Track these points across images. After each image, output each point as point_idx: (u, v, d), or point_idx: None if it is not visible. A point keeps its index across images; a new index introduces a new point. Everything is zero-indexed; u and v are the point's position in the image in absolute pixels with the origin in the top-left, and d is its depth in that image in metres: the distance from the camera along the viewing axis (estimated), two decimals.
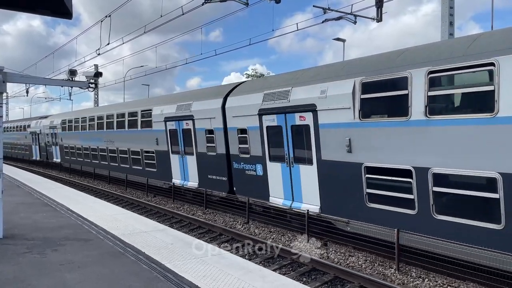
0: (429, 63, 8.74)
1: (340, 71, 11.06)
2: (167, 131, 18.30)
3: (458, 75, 8.56)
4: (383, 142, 9.66)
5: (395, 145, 9.45)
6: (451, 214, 8.47)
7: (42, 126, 35.37)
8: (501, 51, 7.67)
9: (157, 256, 7.51)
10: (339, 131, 10.62)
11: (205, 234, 13.10)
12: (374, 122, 9.96)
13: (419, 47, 9.89)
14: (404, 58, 9.55)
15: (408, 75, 9.03)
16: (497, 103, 7.64)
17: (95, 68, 36.16)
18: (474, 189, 8.17)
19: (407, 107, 9.05)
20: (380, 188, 9.91)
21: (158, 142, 19.13)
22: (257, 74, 50.76)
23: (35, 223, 10.18)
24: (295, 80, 12.43)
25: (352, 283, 8.52)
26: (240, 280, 6.31)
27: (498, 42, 7.98)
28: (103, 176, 26.32)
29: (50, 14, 4.11)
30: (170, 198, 18.88)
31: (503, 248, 7.57)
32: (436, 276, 8.80)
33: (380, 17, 15.51)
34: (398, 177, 9.42)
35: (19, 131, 42.43)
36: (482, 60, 7.91)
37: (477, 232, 8.04)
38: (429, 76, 8.66)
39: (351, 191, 10.47)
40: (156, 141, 19.21)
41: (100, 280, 6.21)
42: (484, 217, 8.00)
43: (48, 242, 8.34)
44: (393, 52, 10.38)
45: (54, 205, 13.08)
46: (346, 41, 44.99)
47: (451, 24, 14.23)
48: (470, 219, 8.17)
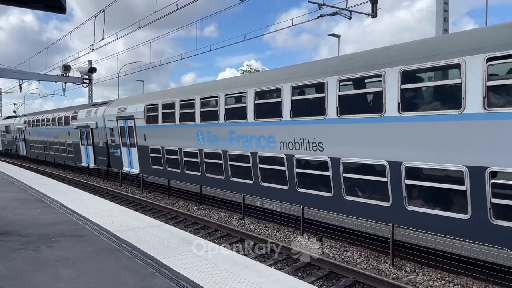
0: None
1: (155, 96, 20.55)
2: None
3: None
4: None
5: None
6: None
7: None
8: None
9: (153, 252, 7.51)
10: (141, 130, 19.84)
11: (200, 230, 13.11)
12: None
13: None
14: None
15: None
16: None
17: (89, 64, 35.98)
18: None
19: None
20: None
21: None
22: (252, 70, 50.70)
23: (29, 220, 10.14)
24: (131, 101, 21.94)
25: (347, 278, 8.58)
26: (235, 275, 6.33)
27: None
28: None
29: (43, 8, 4.08)
30: (165, 194, 18.87)
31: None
32: (430, 270, 8.88)
33: (375, 13, 15.52)
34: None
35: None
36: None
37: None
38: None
39: (158, 161, 19.07)
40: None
41: (95, 276, 6.20)
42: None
43: (43, 239, 8.31)
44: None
45: (49, 201, 13.02)
46: (341, 37, 44.97)
47: (445, 20, 14.25)
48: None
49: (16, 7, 6.79)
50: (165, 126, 18.17)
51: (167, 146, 18.16)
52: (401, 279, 8.58)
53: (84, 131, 27.05)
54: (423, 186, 9.07)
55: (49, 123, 33.78)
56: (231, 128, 14.20)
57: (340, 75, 10.57)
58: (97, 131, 25.34)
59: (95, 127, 25.35)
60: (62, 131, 31.30)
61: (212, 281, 6.06)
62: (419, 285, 8.26)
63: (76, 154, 29.27)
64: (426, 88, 9.55)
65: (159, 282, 6.01)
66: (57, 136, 32.48)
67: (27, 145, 40.42)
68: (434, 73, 9.26)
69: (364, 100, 10.67)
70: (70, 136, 29.95)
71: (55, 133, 32.81)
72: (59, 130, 31.81)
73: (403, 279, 8.58)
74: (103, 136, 24.64)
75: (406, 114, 9.13)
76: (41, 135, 35.93)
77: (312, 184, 11.69)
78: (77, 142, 28.67)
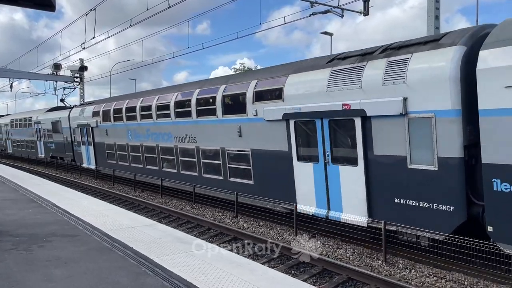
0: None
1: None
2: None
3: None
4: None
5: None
6: None
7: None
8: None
9: (145, 251, 7.48)
10: (95, 130, 24.37)
11: (193, 228, 13.08)
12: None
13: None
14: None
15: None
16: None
17: (80, 62, 35.70)
18: None
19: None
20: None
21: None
22: (245, 68, 50.62)
23: (21, 220, 10.05)
24: (86, 105, 26.81)
25: (340, 275, 8.61)
26: (229, 274, 6.33)
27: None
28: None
29: (32, 6, 4.04)
30: (158, 193, 18.81)
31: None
32: (422, 266, 8.94)
33: (367, 11, 15.57)
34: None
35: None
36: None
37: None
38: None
39: (105, 155, 23.88)
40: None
41: (87, 276, 6.16)
42: None
43: (35, 239, 8.24)
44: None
45: (40, 201, 12.92)
46: (334, 35, 45.07)
47: (436, 17, 14.34)
48: None
49: (5, 5, 6.68)
50: (105, 126, 22.94)
51: (107, 142, 23.21)
52: (394, 276, 8.63)
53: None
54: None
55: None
56: (146, 127, 19.17)
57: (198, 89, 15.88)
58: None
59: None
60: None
61: (206, 280, 6.05)
62: (411, 282, 8.32)
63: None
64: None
65: (152, 281, 5.99)
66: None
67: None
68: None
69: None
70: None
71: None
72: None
73: (395, 276, 8.64)
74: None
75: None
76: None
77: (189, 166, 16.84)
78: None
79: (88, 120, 24.52)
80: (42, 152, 34.65)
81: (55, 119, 30.68)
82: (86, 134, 25.19)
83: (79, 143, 26.81)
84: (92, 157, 25.30)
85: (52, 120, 31.24)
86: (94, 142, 24.54)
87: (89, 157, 25.82)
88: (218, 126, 14.42)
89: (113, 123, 21.98)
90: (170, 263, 6.78)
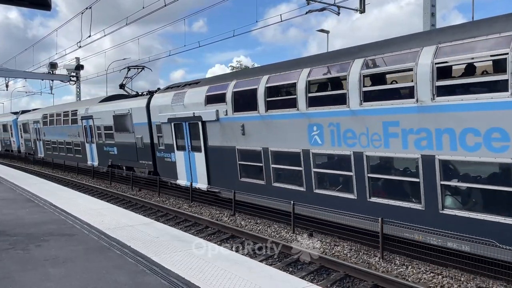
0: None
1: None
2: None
3: None
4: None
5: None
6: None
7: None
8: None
9: (143, 249, 7.49)
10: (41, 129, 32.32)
11: (191, 227, 13.10)
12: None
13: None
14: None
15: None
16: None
17: (76, 61, 35.58)
18: None
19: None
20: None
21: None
22: (242, 66, 50.61)
23: (18, 219, 10.03)
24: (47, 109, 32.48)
25: (337, 272, 8.64)
26: (226, 272, 6.34)
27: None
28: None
29: (28, 5, 4.02)
30: (155, 192, 18.80)
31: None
32: (419, 263, 8.98)
33: (363, 8, 15.58)
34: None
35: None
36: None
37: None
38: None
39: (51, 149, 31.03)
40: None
41: (85, 275, 6.16)
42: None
43: (32, 238, 8.23)
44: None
45: (37, 200, 12.90)
46: (330, 32, 45.10)
47: (432, 15, 14.37)
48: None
49: (0, 4, 6.67)
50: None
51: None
52: (391, 272, 8.67)
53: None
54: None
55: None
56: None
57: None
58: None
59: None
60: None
61: (203, 278, 6.06)
62: (408, 278, 8.36)
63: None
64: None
65: (150, 279, 6.00)
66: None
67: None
68: None
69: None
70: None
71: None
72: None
73: (392, 272, 8.68)
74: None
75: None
76: None
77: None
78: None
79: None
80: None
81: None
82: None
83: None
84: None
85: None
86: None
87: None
88: None
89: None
90: (168, 261, 6.79)
